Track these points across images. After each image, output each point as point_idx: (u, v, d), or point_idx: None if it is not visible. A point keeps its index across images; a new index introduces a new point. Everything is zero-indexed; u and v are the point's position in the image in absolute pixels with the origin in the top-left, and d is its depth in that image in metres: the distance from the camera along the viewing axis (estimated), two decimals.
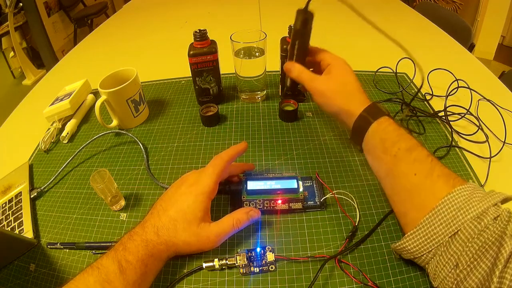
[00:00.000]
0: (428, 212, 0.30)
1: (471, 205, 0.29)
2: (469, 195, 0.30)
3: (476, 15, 2.23)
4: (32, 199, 0.46)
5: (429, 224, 0.30)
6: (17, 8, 2.30)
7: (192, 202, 0.35)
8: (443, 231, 0.29)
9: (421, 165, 0.33)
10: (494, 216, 0.28)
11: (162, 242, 0.33)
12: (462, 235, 0.28)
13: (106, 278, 0.29)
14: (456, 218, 0.29)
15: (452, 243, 0.29)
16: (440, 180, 0.31)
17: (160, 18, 1.12)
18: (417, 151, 0.34)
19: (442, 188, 0.31)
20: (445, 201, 0.30)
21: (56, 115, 0.59)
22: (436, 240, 0.30)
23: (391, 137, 0.35)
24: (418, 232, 0.31)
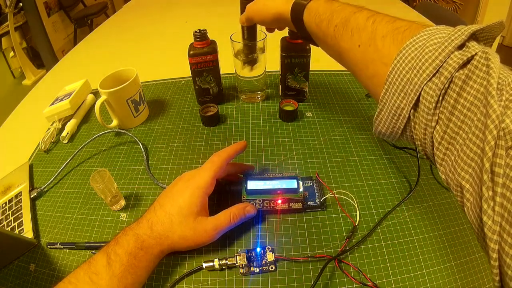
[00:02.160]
0: (382, 86, 0.25)
1: (425, 57, 0.22)
2: (422, 46, 0.23)
3: (476, 15, 2.23)
4: (32, 199, 0.46)
5: (388, 99, 0.25)
6: (17, 8, 2.30)
7: (188, 196, 0.35)
8: (404, 102, 0.24)
9: (361, 33, 0.28)
10: (459, 63, 0.20)
11: (155, 236, 0.33)
12: (424, 100, 0.22)
13: (95, 270, 0.30)
14: (411, 82, 0.23)
15: (419, 115, 0.23)
16: (385, 41, 0.26)
17: (160, 18, 1.12)
18: (354, 19, 0.30)
19: (390, 50, 0.25)
20: (394, 66, 0.24)
21: (56, 115, 0.59)
22: (402, 116, 0.24)
23: (324, 17, 0.33)
24: (382, 112, 0.26)
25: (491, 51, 0.21)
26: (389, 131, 0.27)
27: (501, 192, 0.17)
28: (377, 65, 0.26)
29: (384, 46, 0.26)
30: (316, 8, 0.34)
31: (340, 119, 0.55)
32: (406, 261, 0.35)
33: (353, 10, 0.31)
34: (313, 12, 0.34)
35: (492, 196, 0.18)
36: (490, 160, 0.18)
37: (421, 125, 0.23)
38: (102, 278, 0.29)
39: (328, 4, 0.34)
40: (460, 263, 0.35)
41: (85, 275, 0.30)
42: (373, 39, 0.27)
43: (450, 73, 0.21)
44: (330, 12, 0.32)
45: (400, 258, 0.35)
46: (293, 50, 0.51)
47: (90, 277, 0.29)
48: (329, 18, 0.32)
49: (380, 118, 0.27)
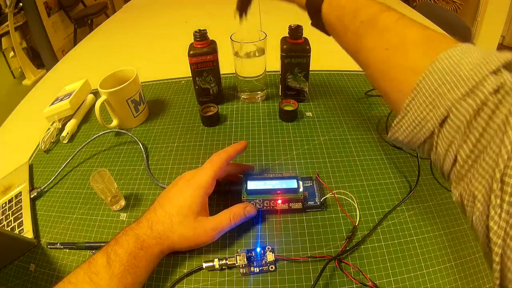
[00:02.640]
0: (409, 94, 0.24)
1: (461, 75, 0.22)
2: (457, 62, 0.22)
3: (476, 15, 2.23)
4: (32, 199, 0.46)
5: (414, 107, 0.24)
6: (17, 8, 2.30)
7: (188, 196, 0.35)
8: (431, 115, 0.23)
9: (391, 35, 0.27)
10: (494, 88, 0.21)
11: (155, 236, 0.33)
12: (455, 118, 0.22)
13: (94, 270, 0.30)
14: (443, 97, 0.22)
15: (445, 130, 0.23)
16: (418, 49, 0.25)
17: (160, 18, 1.12)
18: (382, 18, 0.28)
19: (421, 59, 0.24)
20: (426, 76, 0.23)
21: (56, 115, 0.59)
22: (426, 128, 0.24)
23: (348, 11, 0.30)
24: (404, 119, 0.25)
25: None
26: (407, 139, 0.26)
27: (509, 200, 0.18)
28: (403, 72, 0.25)
29: (416, 54, 0.25)
30: (338, 0, 0.31)
31: (340, 119, 0.55)
32: (406, 261, 0.35)
33: (381, 9, 0.29)
34: (335, 3, 0.32)
35: (500, 203, 0.19)
36: (501, 171, 0.19)
37: (445, 140, 0.23)
38: (102, 278, 0.29)
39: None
40: (460, 263, 0.35)
41: (85, 275, 0.30)
42: (403, 45, 0.26)
43: (486, 97, 0.21)
44: (355, 6, 0.30)
45: (400, 258, 0.35)
46: (293, 50, 0.51)
47: (90, 277, 0.29)
48: (354, 12, 0.30)
49: (401, 125, 0.26)
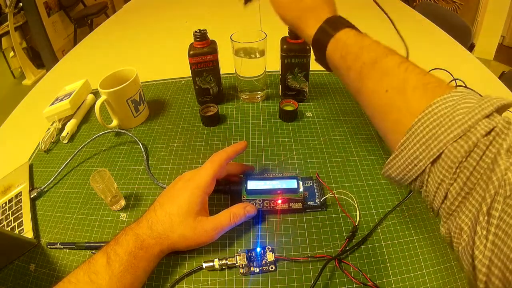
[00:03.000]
0: (405, 134, 0.26)
1: (455, 119, 0.23)
2: (453, 107, 0.24)
3: (476, 15, 2.24)
4: (32, 199, 0.46)
5: (407, 147, 0.25)
6: (17, 8, 2.30)
7: (188, 196, 0.35)
8: (423, 155, 0.24)
9: (392, 79, 0.28)
10: (486, 131, 0.22)
11: (155, 236, 0.33)
12: (447, 159, 0.23)
13: (94, 270, 0.30)
14: (436, 138, 0.23)
15: (436, 169, 0.24)
16: (416, 93, 0.26)
17: (160, 18, 1.12)
18: (385, 61, 0.29)
19: (419, 102, 0.25)
20: (422, 117, 0.24)
21: (56, 115, 0.59)
22: (418, 167, 0.25)
23: (352, 51, 0.31)
24: (397, 158, 0.27)
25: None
26: (399, 176, 0.27)
27: (494, 231, 0.20)
28: (401, 113, 0.26)
29: (414, 97, 0.26)
30: (344, 40, 0.32)
31: (340, 119, 0.55)
32: (406, 261, 0.35)
33: (385, 52, 0.30)
34: (341, 42, 0.32)
35: (486, 235, 0.20)
36: (488, 205, 0.21)
37: (436, 179, 0.24)
38: (101, 277, 0.29)
39: (358, 37, 0.32)
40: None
41: (85, 274, 0.30)
42: (403, 88, 0.27)
43: (477, 139, 0.22)
44: (359, 47, 0.31)
45: (400, 258, 0.35)
46: (293, 50, 0.51)
47: (90, 277, 0.29)
48: (358, 53, 0.31)
49: (394, 163, 0.27)
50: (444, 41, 0.84)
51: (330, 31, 0.33)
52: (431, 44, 0.83)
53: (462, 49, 0.80)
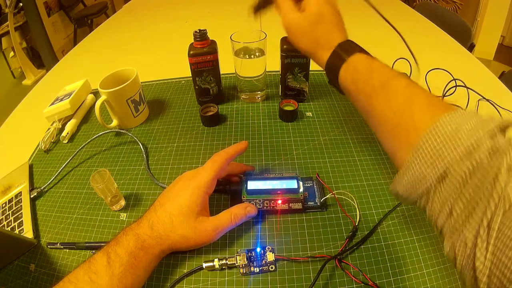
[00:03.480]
0: (412, 152, 0.26)
1: (459, 138, 0.24)
2: (458, 125, 0.24)
3: (476, 15, 2.24)
4: (32, 199, 0.46)
5: (414, 165, 0.26)
6: (17, 8, 2.30)
7: (189, 196, 0.35)
8: (429, 173, 0.25)
9: (399, 101, 0.29)
10: (488, 151, 0.23)
11: (156, 236, 0.33)
12: (452, 178, 0.24)
13: (94, 270, 0.30)
14: (441, 156, 0.24)
15: (442, 188, 0.25)
16: (423, 113, 0.27)
17: (160, 18, 1.12)
18: (393, 84, 0.30)
19: (425, 121, 0.26)
20: (427, 134, 0.25)
21: (56, 115, 0.59)
22: (424, 185, 0.26)
23: (363, 75, 0.33)
24: (405, 176, 0.27)
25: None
26: (406, 194, 0.28)
27: (494, 243, 0.21)
28: (409, 133, 0.27)
29: (420, 117, 0.27)
30: (355, 64, 0.34)
31: (340, 119, 0.55)
32: (406, 261, 0.35)
33: (394, 75, 0.31)
34: (351, 67, 0.34)
35: (486, 246, 0.21)
36: (488, 219, 0.21)
37: (441, 197, 0.25)
38: (101, 277, 0.29)
39: (368, 61, 0.33)
40: None
41: (85, 274, 0.30)
42: (409, 109, 0.28)
43: (480, 158, 0.23)
44: (369, 70, 0.32)
45: (400, 258, 0.35)
46: (293, 50, 0.51)
47: (90, 277, 0.29)
48: (368, 77, 0.32)
49: (401, 180, 0.28)
50: (444, 41, 0.84)
51: (343, 56, 0.35)
52: (431, 44, 0.83)
53: (462, 49, 0.80)
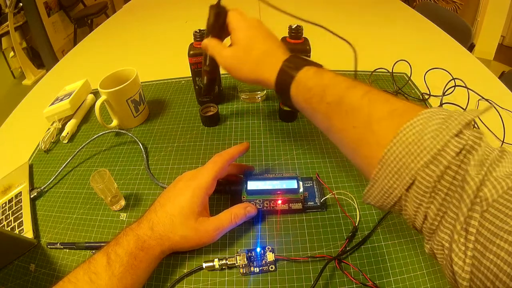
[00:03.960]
0: (376, 166, 0.26)
1: (423, 145, 0.23)
2: (420, 132, 0.23)
3: (476, 15, 2.23)
4: (32, 199, 0.46)
5: (381, 178, 0.26)
6: (17, 8, 2.30)
7: (189, 196, 0.35)
8: (397, 183, 0.24)
9: (357, 114, 0.28)
10: (456, 152, 0.22)
11: (156, 237, 0.33)
12: (420, 185, 0.23)
13: (94, 270, 0.30)
14: (407, 167, 0.23)
15: (412, 195, 0.24)
16: (382, 123, 0.26)
17: (160, 18, 1.12)
18: (348, 97, 0.29)
19: (386, 133, 0.25)
20: (390, 148, 0.24)
21: (56, 115, 0.59)
22: (393, 195, 0.25)
23: (315, 93, 0.31)
24: (373, 189, 0.27)
25: (482, 135, 0.23)
26: (378, 204, 0.28)
27: (473, 247, 0.20)
28: (372, 148, 0.26)
29: (380, 129, 0.26)
30: (305, 82, 0.32)
31: None
32: (406, 261, 0.35)
33: (346, 86, 0.29)
34: (302, 85, 0.32)
35: (464, 250, 0.21)
36: (462, 223, 0.21)
37: (413, 203, 0.24)
38: (101, 278, 0.29)
39: (318, 77, 0.31)
40: None
41: (85, 274, 0.30)
42: (369, 122, 0.27)
43: (448, 161, 0.22)
44: (321, 87, 0.31)
45: (400, 258, 0.35)
46: (293, 50, 0.51)
47: (90, 277, 0.29)
48: (321, 94, 0.30)
49: (371, 193, 0.28)
50: (444, 41, 0.84)
51: (290, 73, 0.33)
52: (431, 44, 0.83)
53: (462, 49, 0.80)
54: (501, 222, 0.19)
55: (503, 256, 0.19)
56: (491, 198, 0.20)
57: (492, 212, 0.20)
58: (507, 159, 0.22)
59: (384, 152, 0.25)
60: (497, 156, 0.22)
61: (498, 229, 0.19)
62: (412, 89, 0.61)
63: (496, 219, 0.20)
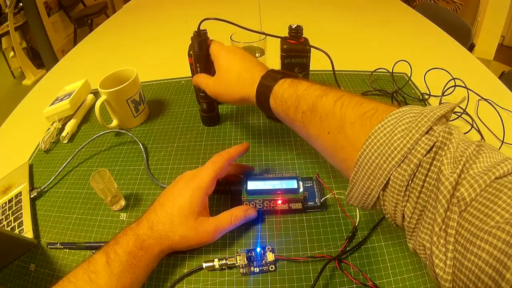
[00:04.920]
0: (352, 169, 0.27)
1: (394, 145, 0.23)
2: (390, 132, 0.24)
3: (476, 15, 2.23)
4: (32, 199, 0.46)
5: (358, 180, 0.27)
6: (17, 8, 2.30)
7: (189, 196, 0.35)
8: (374, 184, 0.25)
9: (330, 120, 0.29)
10: (426, 149, 0.22)
11: (156, 236, 0.33)
12: (394, 184, 0.24)
13: (94, 269, 0.30)
14: (381, 167, 0.24)
15: (388, 195, 0.25)
16: (354, 127, 0.27)
17: (160, 18, 1.13)
18: (321, 104, 0.30)
19: (359, 136, 0.26)
20: (363, 151, 0.25)
21: (56, 115, 0.59)
22: (372, 195, 0.26)
23: (291, 104, 0.32)
24: (352, 191, 0.28)
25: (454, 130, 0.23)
26: (360, 205, 0.29)
27: (453, 248, 0.21)
28: (347, 151, 0.27)
29: (353, 132, 0.27)
30: (281, 94, 0.34)
31: None
32: (406, 261, 0.35)
33: (320, 94, 0.31)
34: (279, 98, 0.34)
35: (445, 252, 0.21)
36: (440, 225, 0.21)
37: (391, 202, 0.25)
38: (101, 277, 0.29)
39: (292, 88, 0.33)
40: None
41: (84, 274, 0.30)
42: (342, 127, 0.28)
43: (419, 160, 0.23)
44: (296, 97, 0.32)
45: (400, 258, 0.35)
46: (293, 50, 0.51)
47: (89, 276, 0.29)
48: (296, 104, 0.32)
49: (351, 195, 0.29)
50: (444, 41, 0.84)
51: (268, 86, 0.35)
52: (431, 44, 0.83)
53: (462, 49, 0.80)
54: (481, 222, 0.19)
55: (484, 257, 0.19)
56: (469, 197, 0.20)
57: (470, 212, 0.20)
58: (485, 154, 0.22)
59: (358, 155, 0.26)
60: (473, 151, 0.22)
61: (477, 229, 0.19)
62: (412, 89, 0.61)
63: (475, 219, 0.20)
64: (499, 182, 0.20)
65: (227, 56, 0.41)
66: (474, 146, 0.23)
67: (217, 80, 0.41)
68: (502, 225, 0.18)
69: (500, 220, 0.19)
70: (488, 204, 0.20)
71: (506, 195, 0.19)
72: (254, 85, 0.36)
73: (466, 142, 0.23)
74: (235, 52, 0.41)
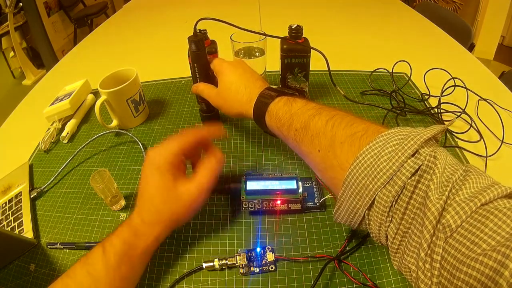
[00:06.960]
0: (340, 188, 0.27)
1: (380, 167, 0.24)
2: (377, 154, 0.25)
3: (476, 15, 2.23)
4: (32, 199, 0.46)
5: (345, 200, 0.27)
6: (17, 8, 2.30)
7: (158, 177, 0.34)
8: (360, 204, 0.26)
9: (321, 139, 0.30)
10: (411, 172, 0.23)
11: (146, 222, 0.33)
12: (379, 204, 0.24)
13: (91, 262, 0.30)
14: (367, 188, 0.25)
15: (373, 215, 0.25)
16: (344, 147, 0.27)
17: (160, 18, 1.13)
18: (313, 123, 0.31)
19: (347, 156, 0.27)
20: (351, 171, 0.26)
21: (56, 115, 0.59)
22: (357, 214, 0.27)
23: (285, 122, 0.34)
24: (340, 210, 0.29)
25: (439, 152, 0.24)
26: (347, 223, 0.30)
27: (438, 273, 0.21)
28: (336, 170, 0.28)
29: (342, 152, 0.27)
30: (276, 112, 0.35)
31: None
32: None
33: (313, 113, 0.32)
34: (274, 115, 0.35)
35: (430, 277, 0.21)
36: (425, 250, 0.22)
37: (375, 222, 0.26)
38: (97, 269, 0.30)
39: (287, 106, 0.34)
40: None
41: (82, 268, 0.30)
42: (332, 146, 0.28)
43: (403, 182, 0.23)
44: (289, 115, 0.33)
45: None
46: (293, 50, 0.51)
47: (87, 270, 0.30)
48: (289, 122, 0.33)
49: (339, 213, 0.30)
50: (444, 41, 0.84)
51: (264, 104, 0.36)
52: (431, 44, 0.83)
53: (462, 49, 0.80)
54: (467, 250, 0.19)
55: (472, 283, 0.19)
56: (454, 224, 0.21)
57: (456, 238, 0.20)
58: (471, 180, 0.23)
59: (346, 175, 0.26)
60: (460, 176, 0.23)
61: (464, 256, 0.19)
62: (412, 89, 0.61)
63: (461, 246, 0.20)
64: (485, 208, 0.20)
65: (228, 71, 0.42)
66: (461, 171, 0.23)
67: (219, 93, 0.43)
68: (489, 252, 0.18)
69: (486, 247, 0.19)
70: (474, 231, 0.20)
71: (492, 222, 0.19)
72: (251, 102, 0.38)
73: (453, 166, 0.24)
74: (236, 67, 0.42)
